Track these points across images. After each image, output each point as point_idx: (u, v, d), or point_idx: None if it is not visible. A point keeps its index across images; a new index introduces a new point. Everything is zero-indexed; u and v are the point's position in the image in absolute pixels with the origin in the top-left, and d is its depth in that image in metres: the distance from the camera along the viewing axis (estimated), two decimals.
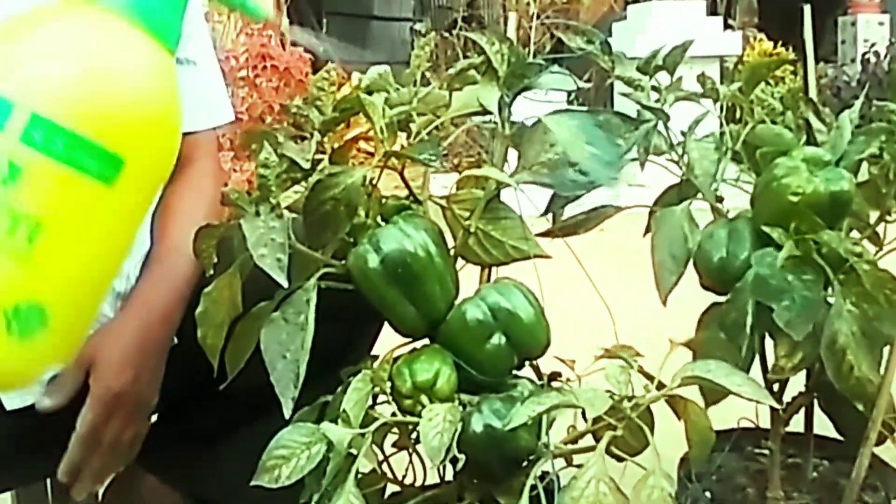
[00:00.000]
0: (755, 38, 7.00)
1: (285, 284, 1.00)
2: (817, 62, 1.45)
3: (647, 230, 1.40)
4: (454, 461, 1.02)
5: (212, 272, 1.12)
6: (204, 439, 1.38)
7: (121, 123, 0.69)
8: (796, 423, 1.38)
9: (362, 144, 4.56)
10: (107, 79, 0.68)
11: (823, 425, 1.38)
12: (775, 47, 6.52)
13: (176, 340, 1.19)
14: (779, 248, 1.15)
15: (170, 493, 1.51)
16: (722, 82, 1.36)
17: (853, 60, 7.49)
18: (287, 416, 1.06)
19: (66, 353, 0.78)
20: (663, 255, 1.23)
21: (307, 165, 1.10)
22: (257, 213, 1.06)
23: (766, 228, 1.15)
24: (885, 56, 6.76)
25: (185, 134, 0.89)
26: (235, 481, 1.39)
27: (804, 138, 1.31)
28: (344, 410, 1.07)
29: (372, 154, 1.13)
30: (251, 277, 1.08)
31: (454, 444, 1.01)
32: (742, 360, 1.14)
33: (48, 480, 1.45)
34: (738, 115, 1.36)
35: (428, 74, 1.20)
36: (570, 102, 5.17)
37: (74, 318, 0.75)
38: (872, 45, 7.12)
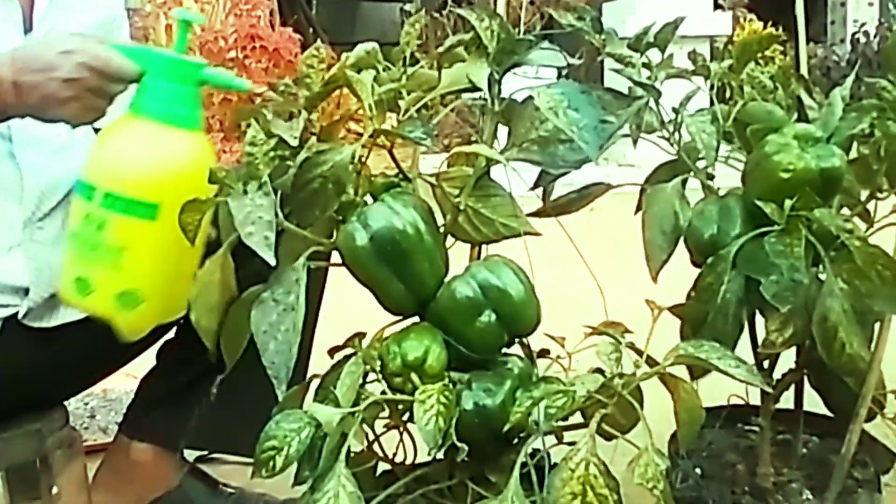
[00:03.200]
0: (745, 19, 6.98)
1: (272, 262, 1.00)
2: (807, 42, 1.44)
3: (638, 209, 1.40)
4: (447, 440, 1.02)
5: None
6: (189, 390, 1.42)
7: (154, 185, 1.13)
8: (786, 400, 1.38)
9: (353, 126, 4.53)
10: (144, 163, 1.14)
11: (813, 402, 1.39)
12: (765, 27, 6.50)
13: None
14: (770, 223, 1.15)
15: (162, 464, 1.51)
16: (712, 62, 1.35)
17: (843, 41, 7.49)
18: (280, 399, 1.05)
19: (159, 315, 1.18)
20: (654, 232, 1.23)
21: (295, 143, 1.08)
22: (245, 192, 1.05)
23: (759, 203, 1.15)
24: (875, 36, 6.76)
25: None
26: (224, 424, 1.42)
27: (795, 115, 1.31)
28: (332, 391, 1.06)
29: (362, 135, 1.12)
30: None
31: (451, 430, 1.00)
32: (726, 326, 1.15)
33: (37, 461, 1.44)
34: (728, 95, 1.35)
35: (418, 55, 1.19)
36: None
37: (158, 296, 1.17)
38: (862, 25, 7.11)
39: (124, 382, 1.69)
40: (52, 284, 1.27)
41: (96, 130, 1.27)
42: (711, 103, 1.29)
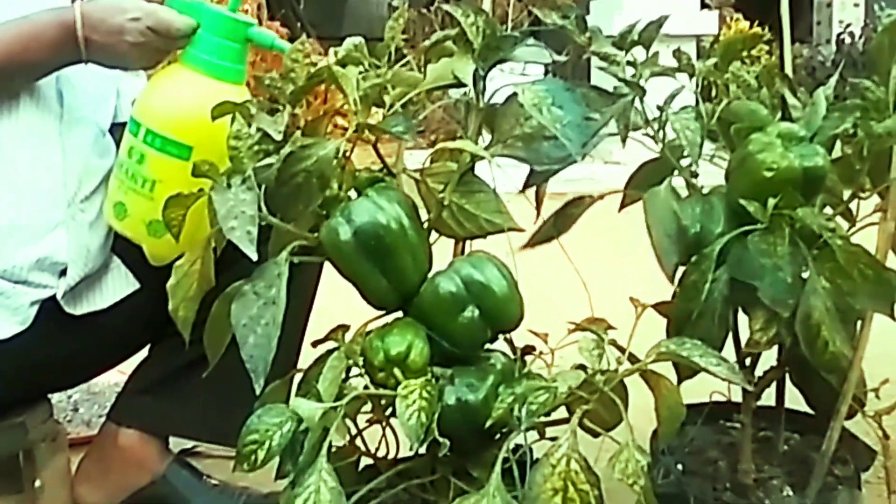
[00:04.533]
0: (732, 18, 7.00)
1: (254, 257, 0.99)
2: (793, 42, 1.45)
3: (623, 206, 1.40)
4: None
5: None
6: (179, 378, 1.45)
7: (190, 129, 1.22)
8: (767, 397, 1.39)
9: (339, 121, 4.52)
10: (185, 108, 1.23)
11: (794, 399, 1.39)
12: (752, 27, 6.52)
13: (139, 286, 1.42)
14: (753, 222, 1.15)
15: (148, 451, 1.51)
16: (698, 60, 1.36)
17: (828, 41, 7.52)
18: (258, 394, 1.05)
19: (181, 248, 1.19)
20: (660, 236, 1.23)
21: (279, 137, 1.08)
22: (228, 185, 1.05)
23: (742, 202, 1.15)
24: (860, 37, 6.79)
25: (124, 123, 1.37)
26: (211, 415, 1.43)
27: (779, 114, 1.31)
28: (314, 386, 1.06)
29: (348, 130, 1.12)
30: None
31: (434, 426, 1.00)
32: (711, 324, 1.16)
33: (21, 454, 1.44)
34: (713, 94, 1.36)
35: (405, 51, 1.19)
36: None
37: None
38: (847, 25, 7.14)
39: (109, 376, 1.68)
40: (88, 265, 1.36)
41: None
42: (696, 102, 1.30)
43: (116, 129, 1.46)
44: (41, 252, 1.31)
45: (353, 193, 1.13)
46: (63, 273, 1.34)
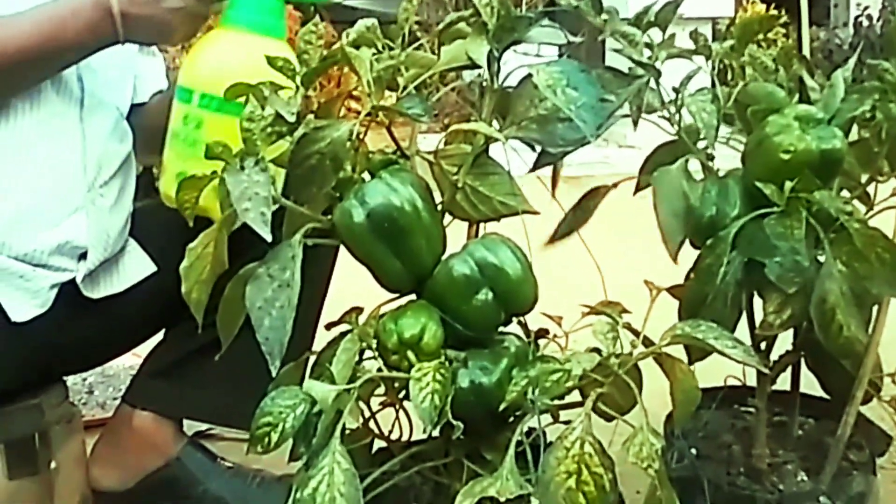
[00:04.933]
0: (748, 1, 6.95)
1: (269, 238, 0.99)
2: (810, 25, 1.43)
3: (637, 189, 1.39)
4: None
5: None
6: (194, 361, 1.44)
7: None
8: (783, 382, 1.38)
9: (353, 105, 4.51)
10: (235, 65, 1.22)
11: (810, 384, 1.39)
12: (768, 10, 6.46)
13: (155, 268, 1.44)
14: (769, 205, 1.14)
15: (162, 433, 1.52)
16: (714, 43, 1.34)
17: (846, 24, 7.44)
18: (273, 376, 1.05)
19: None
20: (666, 215, 1.22)
21: (293, 119, 1.08)
22: (242, 167, 1.05)
23: (759, 185, 1.14)
24: (878, 20, 6.71)
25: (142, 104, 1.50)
26: (226, 397, 1.44)
27: (797, 96, 1.30)
28: (328, 368, 1.06)
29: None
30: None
31: (447, 409, 1.00)
32: (724, 308, 1.15)
33: (36, 436, 1.45)
34: (729, 77, 1.34)
35: (419, 33, 1.18)
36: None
37: None
38: (865, 8, 7.06)
39: (123, 359, 1.69)
40: (108, 249, 1.37)
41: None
42: (713, 84, 1.28)
43: (132, 112, 1.47)
44: (62, 236, 1.32)
45: (366, 176, 1.12)
46: (82, 257, 1.35)
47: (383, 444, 1.19)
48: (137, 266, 1.43)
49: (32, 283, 1.31)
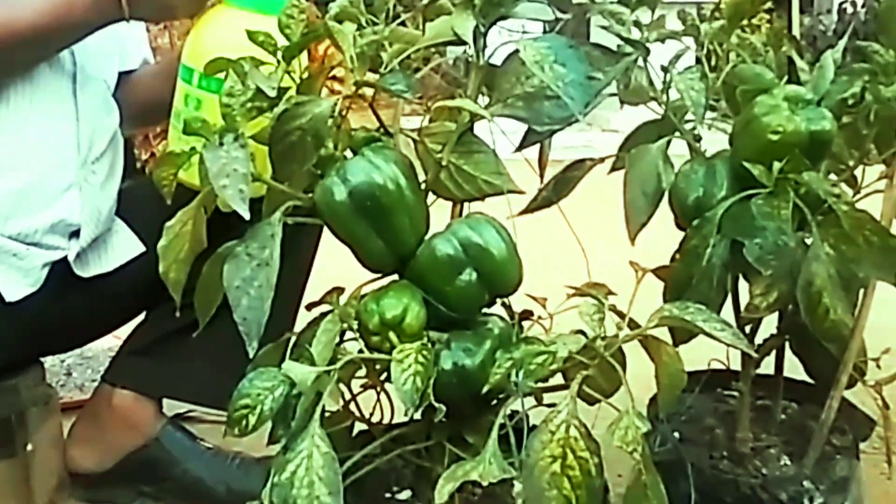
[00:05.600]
0: None
1: (247, 216, 0.97)
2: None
3: (614, 168, 1.38)
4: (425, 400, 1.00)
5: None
6: (174, 340, 1.44)
7: None
8: (766, 366, 1.38)
9: (336, 87, 4.47)
10: (233, 44, 1.14)
11: (794, 368, 1.38)
12: None
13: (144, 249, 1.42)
14: (757, 186, 1.13)
15: (141, 412, 1.51)
16: (701, 24, 1.33)
17: (829, 11, 7.45)
18: (251, 357, 1.03)
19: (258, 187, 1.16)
20: (635, 193, 1.21)
21: (273, 94, 1.05)
22: (221, 143, 1.02)
23: (747, 165, 1.13)
24: (863, 6, 6.73)
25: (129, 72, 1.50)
26: (204, 377, 1.43)
27: (786, 78, 1.29)
28: (307, 349, 1.04)
29: None
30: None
31: (429, 391, 0.98)
32: (710, 290, 1.14)
33: (13, 417, 1.43)
34: (716, 62, 1.33)
35: (403, 14, 1.16)
36: None
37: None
38: None
39: (103, 340, 1.67)
40: (100, 227, 1.37)
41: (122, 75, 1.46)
42: (698, 63, 1.27)
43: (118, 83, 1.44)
44: (56, 215, 1.31)
45: (348, 153, 1.10)
46: (73, 235, 1.33)
47: (364, 426, 1.17)
48: (126, 245, 1.42)
49: (25, 261, 1.29)
